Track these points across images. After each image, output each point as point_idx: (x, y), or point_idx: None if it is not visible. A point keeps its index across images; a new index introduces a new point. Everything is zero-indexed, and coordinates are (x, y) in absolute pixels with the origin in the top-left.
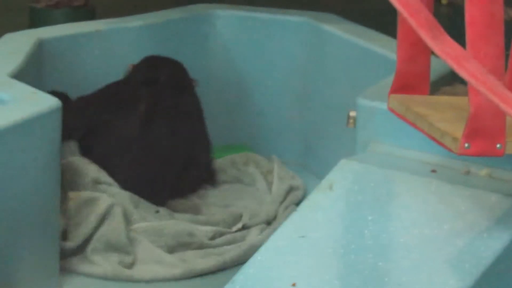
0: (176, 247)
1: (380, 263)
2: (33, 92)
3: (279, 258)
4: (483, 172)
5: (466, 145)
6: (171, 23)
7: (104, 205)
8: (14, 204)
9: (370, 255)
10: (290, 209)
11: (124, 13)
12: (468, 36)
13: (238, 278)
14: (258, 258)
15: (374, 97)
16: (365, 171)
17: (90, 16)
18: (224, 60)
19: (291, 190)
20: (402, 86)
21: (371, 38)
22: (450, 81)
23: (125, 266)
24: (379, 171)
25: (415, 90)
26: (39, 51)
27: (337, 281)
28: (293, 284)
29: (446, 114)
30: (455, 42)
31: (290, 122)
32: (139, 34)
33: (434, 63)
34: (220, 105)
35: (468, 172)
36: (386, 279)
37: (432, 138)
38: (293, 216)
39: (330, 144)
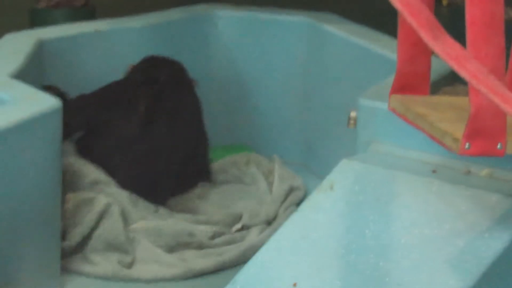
0: (176, 246)
1: (381, 263)
2: (34, 92)
3: (280, 258)
4: (484, 172)
5: (466, 145)
6: (172, 23)
7: (101, 204)
8: (15, 204)
9: (371, 255)
10: (290, 210)
11: (125, 13)
12: (469, 36)
13: (239, 278)
14: (259, 258)
15: (375, 97)
16: (366, 171)
17: (91, 16)
18: (225, 60)
19: (291, 190)
20: (402, 86)
21: (372, 38)
22: (451, 81)
23: (124, 265)
24: (380, 171)
25: (416, 90)
26: (39, 52)
27: (338, 281)
28: (294, 284)
29: (447, 114)
30: (455, 42)
31: (291, 122)
32: (140, 34)
33: (434, 63)
34: (221, 105)
35: (468, 172)
36: (387, 279)
37: (433, 138)
38: (294, 216)
39: (331, 144)
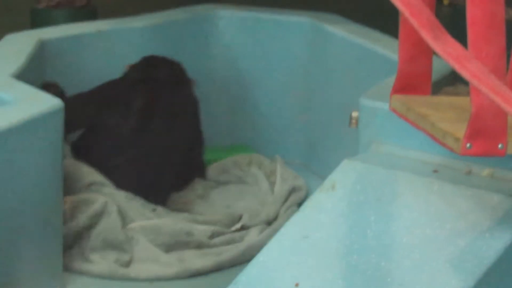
0: (174, 246)
1: (382, 263)
2: (35, 93)
3: (281, 258)
4: (485, 172)
5: (468, 145)
6: (173, 24)
7: (97, 204)
8: (17, 204)
9: (373, 255)
10: (291, 210)
11: (126, 13)
12: (470, 36)
13: (241, 278)
14: (261, 258)
15: (376, 98)
16: (368, 171)
17: (92, 16)
18: (226, 60)
19: (293, 190)
20: (404, 87)
21: (373, 38)
22: (452, 81)
23: (121, 264)
24: (382, 171)
25: (417, 91)
26: (40, 52)
27: (340, 281)
28: (296, 284)
29: (448, 114)
30: (456, 42)
31: (292, 122)
32: (141, 34)
33: (435, 63)
34: (222, 105)
35: (470, 172)
36: (388, 279)
37: (434, 138)
38: (296, 216)
39: (332, 144)
